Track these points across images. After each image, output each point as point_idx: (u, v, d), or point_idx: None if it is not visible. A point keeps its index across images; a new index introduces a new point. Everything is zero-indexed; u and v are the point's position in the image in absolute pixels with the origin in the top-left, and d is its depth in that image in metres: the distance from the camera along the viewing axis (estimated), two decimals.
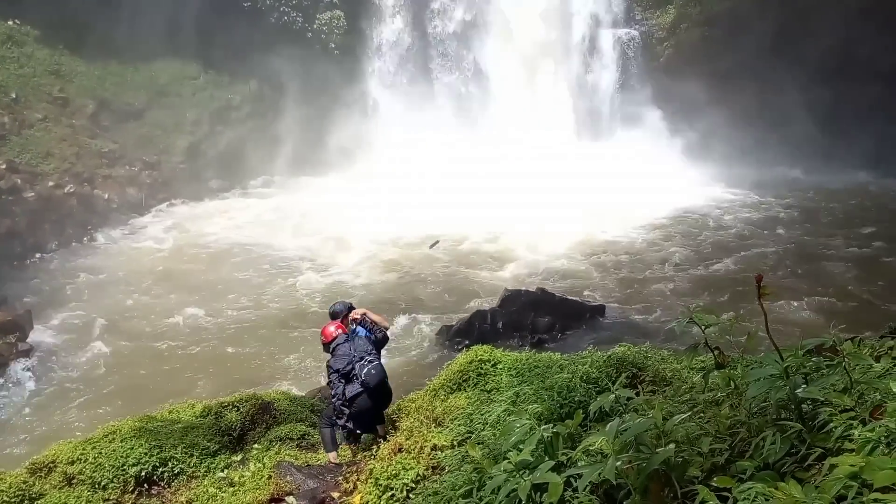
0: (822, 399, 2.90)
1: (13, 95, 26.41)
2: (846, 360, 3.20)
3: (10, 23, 27.93)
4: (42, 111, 26.97)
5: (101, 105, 28.70)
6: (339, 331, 7.65)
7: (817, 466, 2.62)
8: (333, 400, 7.23)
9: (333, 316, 8.03)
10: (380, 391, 7.13)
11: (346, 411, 7.08)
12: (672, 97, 29.50)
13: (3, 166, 24.25)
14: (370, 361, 7.22)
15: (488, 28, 31.63)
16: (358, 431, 7.23)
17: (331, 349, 7.51)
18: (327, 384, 7.40)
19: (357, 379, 7.13)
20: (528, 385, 5.17)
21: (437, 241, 23.96)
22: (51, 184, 25.35)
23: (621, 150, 29.10)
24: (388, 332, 8.07)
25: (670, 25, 31.63)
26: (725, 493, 2.55)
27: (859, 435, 2.61)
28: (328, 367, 7.43)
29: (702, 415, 3.25)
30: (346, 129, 30.22)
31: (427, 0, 32.19)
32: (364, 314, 7.87)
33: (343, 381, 7.19)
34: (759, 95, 28.85)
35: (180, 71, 30.85)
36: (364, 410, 7.06)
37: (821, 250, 22.53)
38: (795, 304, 18.61)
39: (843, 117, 27.70)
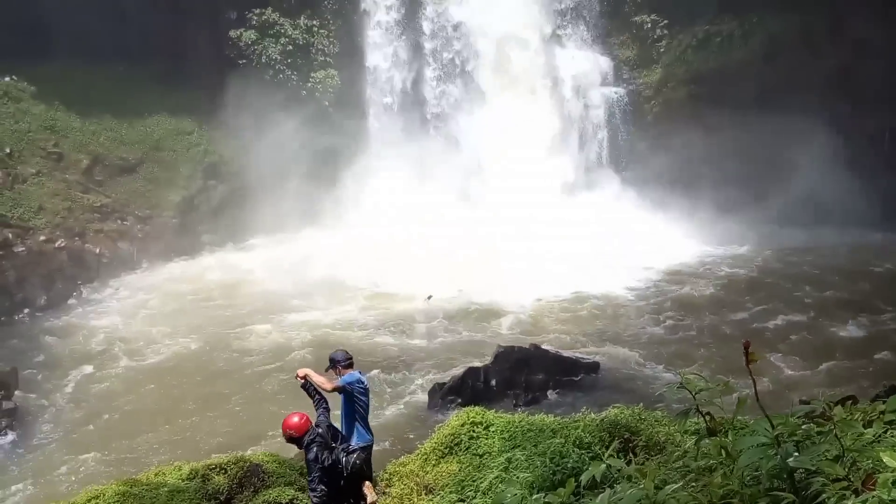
0: (814, 468, 2.89)
1: (7, 150, 26.61)
2: (837, 426, 3.20)
3: (7, 79, 28.37)
4: (36, 166, 27.15)
5: (96, 160, 28.93)
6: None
7: None
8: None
9: (331, 361, 8.01)
10: None
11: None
12: (661, 153, 30.00)
13: None
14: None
15: (477, 88, 32.29)
16: None
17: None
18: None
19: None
20: (520, 450, 5.11)
21: (431, 296, 23.94)
22: (42, 238, 25.33)
23: (610, 205, 29.44)
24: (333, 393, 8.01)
25: (657, 84, 32.40)
26: None
27: None
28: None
29: (694, 483, 3.23)
30: (339, 185, 30.48)
31: (420, 68, 32.91)
32: (306, 376, 7.86)
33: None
34: (748, 151, 29.31)
35: (174, 126, 31.22)
36: None
37: (814, 308, 22.52)
38: (788, 360, 18.59)
39: (837, 174, 28.01)
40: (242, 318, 23.11)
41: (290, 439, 7.52)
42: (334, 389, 7.73)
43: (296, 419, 7.48)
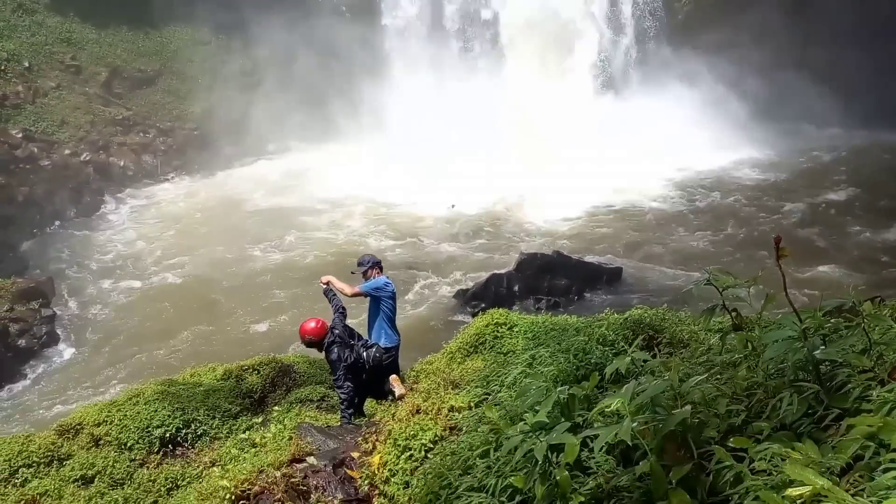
0: (841, 360, 2.89)
1: (26, 64, 26.44)
2: (865, 321, 3.17)
3: None
4: (55, 79, 27.01)
5: (114, 72, 28.70)
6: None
7: (834, 427, 2.62)
8: None
9: (360, 265, 8.18)
10: None
11: None
12: (691, 55, 28.87)
13: (20, 135, 24.40)
14: None
15: None
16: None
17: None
18: None
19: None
20: (544, 348, 5.20)
21: (454, 205, 23.86)
22: (67, 152, 25.51)
23: (639, 110, 28.58)
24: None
25: None
26: (741, 454, 2.56)
27: (877, 396, 2.61)
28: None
29: (718, 376, 3.25)
30: (358, 92, 29.94)
31: None
32: (329, 281, 8.02)
33: None
34: (781, 52, 28.11)
35: (191, 37, 30.67)
36: None
37: (844, 210, 22.07)
38: (817, 265, 18.37)
39: (869, 75, 26.90)
40: (261, 230, 23.29)
41: (310, 344, 7.77)
42: (354, 295, 7.93)
43: (312, 324, 7.73)
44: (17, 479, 7.49)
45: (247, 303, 18.86)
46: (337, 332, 7.67)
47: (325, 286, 8.07)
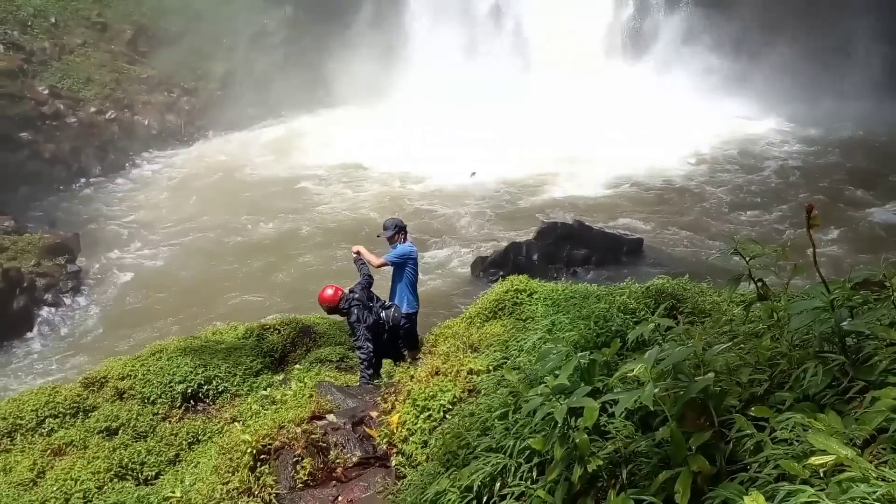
0: (868, 332, 2.85)
1: (52, 20, 26.50)
2: (894, 294, 3.12)
3: None
4: (81, 36, 27.08)
5: (139, 30, 28.72)
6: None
7: (859, 399, 2.60)
8: None
9: (386, 229, 8.25)
10: None
11: None
12: (723, 22, 28.14)
13: (46, 91, 24.56)
14: None
15: None
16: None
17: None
18: None
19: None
20: (564, 314, 5.20)
21: (475, 172, 23.72)
22: (92, 109, 25.67)
23: (666, 77, 28.07)
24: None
25: None
26: (763, 423, 2.55)
27: None
28: None
29: (742, 346, 3.23)
30: (380, 56, 29.66)
31: None
32: (359, 251, 8.10)
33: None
34: (818, 19, 27.21)
35: None
36: None
37: (877, 185, 21.46)
38: (847, 239, 17.98)
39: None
40: (279, 196, 23.22)
41: (330, 311, 7.88)
42: (381, 265, 8.01)
43: (329, 291, 7.84)
44: (44, 428, 7.72)
45: (263, 267, 18.95)
46: (356, 295, 7.76)
47: (355, 255, 8.18)
